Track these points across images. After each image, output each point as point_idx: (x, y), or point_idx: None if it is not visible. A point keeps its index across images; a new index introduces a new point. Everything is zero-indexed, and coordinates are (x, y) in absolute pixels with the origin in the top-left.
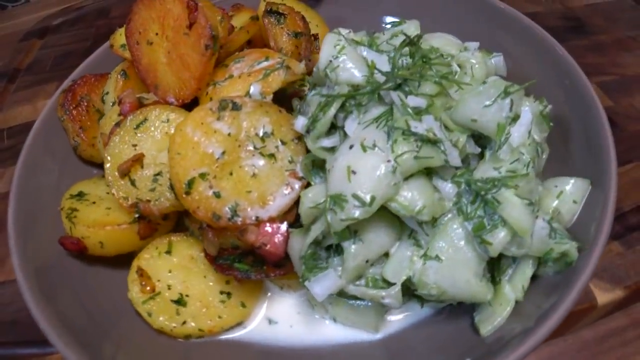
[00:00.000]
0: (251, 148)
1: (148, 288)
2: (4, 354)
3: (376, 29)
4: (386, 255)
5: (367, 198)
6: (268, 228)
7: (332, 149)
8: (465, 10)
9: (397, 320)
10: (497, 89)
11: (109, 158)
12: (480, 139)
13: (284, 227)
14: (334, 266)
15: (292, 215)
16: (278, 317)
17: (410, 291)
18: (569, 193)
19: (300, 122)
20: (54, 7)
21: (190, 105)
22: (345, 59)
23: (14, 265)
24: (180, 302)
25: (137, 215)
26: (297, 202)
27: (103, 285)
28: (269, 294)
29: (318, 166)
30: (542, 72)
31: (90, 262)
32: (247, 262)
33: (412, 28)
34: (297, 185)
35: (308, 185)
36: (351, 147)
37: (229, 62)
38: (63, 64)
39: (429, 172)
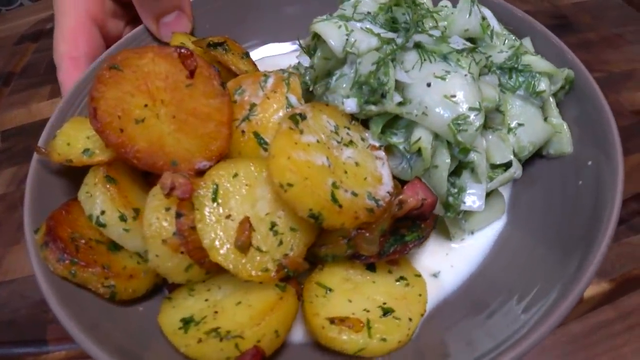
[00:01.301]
0: (336, 144)
1: (361, 324)
2: (1, 354)
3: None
4: None
5: (477, 104)
6: (413, 190)
7: (400, 104)
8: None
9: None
10: (467, 3)
11: (217, 245)
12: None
13: (417, 179)
14: (466, 182)
15: None
16: (436, 267)
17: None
18: (529, 47)
19: (352, 103)
20: (48, 11)
21: None
22: (355, 33)
23: None
24: (388, 311)
25: (289, 275)
26: None
27: None
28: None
29: (387, 127)
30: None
31: None
32: (408, 233)
33: None
34: (382, 154)
35: (387, 149)
36: (429, 84)
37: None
38: None
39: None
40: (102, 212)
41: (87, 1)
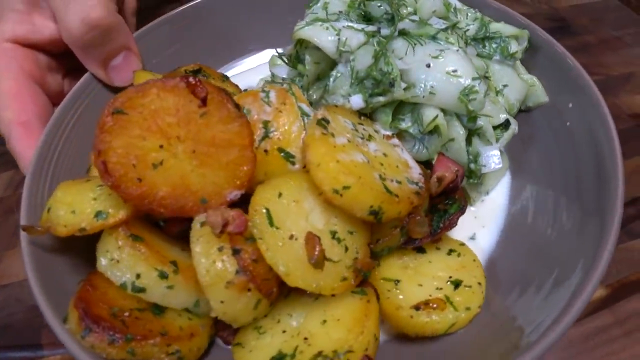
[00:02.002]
0: (360, 141)
1: (443, 302)
2: None
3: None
4: None
5: (476, 74)
6: (444, 165)
7: (405, 89)
8: None
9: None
10: None
11: (293, 268)
12: None
13: (442, 155)
14: (478, 147)
15: None
16: (470, 232)
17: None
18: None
19: (358, 99)
20: None
21: None
22: (344, 31)
23: None
24: (458, 282)
25: (366, 277)
26: None
27: None
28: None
29: (395, 114)
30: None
31: None
32: (447, 207)
33: None
34: (397, 141)
35: (397, 135)
36: (428, 65)
37: None
38: None
39: None
40: (138, 276)
41: (19, 59)
